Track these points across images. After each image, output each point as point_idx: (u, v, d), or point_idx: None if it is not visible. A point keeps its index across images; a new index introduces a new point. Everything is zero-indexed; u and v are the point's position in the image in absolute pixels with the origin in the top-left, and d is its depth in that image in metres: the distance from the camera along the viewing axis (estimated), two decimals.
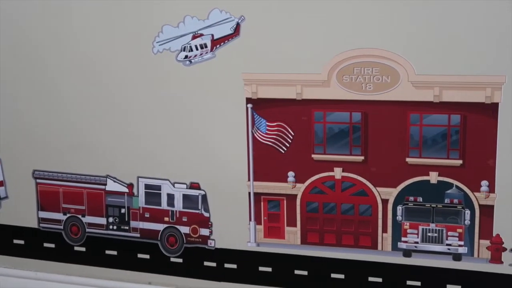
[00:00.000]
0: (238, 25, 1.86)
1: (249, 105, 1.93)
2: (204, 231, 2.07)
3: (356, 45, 1.79)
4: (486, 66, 1.72)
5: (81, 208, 2.18)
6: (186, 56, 1.93)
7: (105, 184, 2.13)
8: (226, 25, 1.87)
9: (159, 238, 2.12)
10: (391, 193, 1.91)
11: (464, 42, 1.71)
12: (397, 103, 1.83)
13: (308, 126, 1.91)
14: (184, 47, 1.92)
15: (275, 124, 1.93)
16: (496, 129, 1.77)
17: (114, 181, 2.12)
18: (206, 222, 2.06)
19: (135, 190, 2.11)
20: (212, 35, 1.89)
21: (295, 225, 2.00)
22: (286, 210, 2.00)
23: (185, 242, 2.09)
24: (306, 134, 1.92)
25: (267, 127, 1.93)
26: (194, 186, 2.04)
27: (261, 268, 2.05)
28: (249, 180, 1.98)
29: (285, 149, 1.94)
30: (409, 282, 1.93)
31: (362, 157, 1.90)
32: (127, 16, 1.95)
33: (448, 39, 1.72)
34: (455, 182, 1.85)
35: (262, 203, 2.01)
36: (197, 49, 1.91)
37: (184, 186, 2.05)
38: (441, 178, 1.86)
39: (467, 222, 1.87)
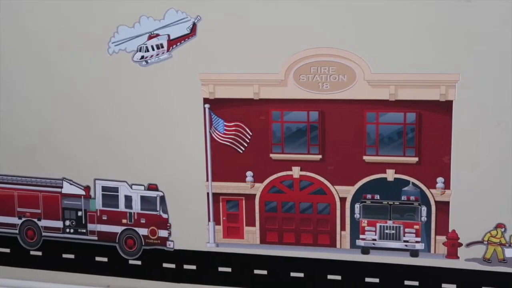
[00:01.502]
0: (194, 25, 1.85)
1: (207, 105, 1.93)
2: (162, 233, 2.05)
3: (313, 44, 1.80)
4: (440, 64, 1.74)
5: (37, 212, 2.14)
6: (142, 57, 1.91)
7: (61, 187, 2.10)
8: (182, 25, 1.86)
9: (117, 241, 2.10)
10: (349, 191, 1.92)
11: (419, 41, 1.73)
12: (354, 102, 1.84)
13: (266, 126, 1.91)
14: (140, 48, 1.91)
15: (233, 124, 1.93)
16: (450, 126, 1.79)
17: (71, 184, 2.09)
18: (164, 224, 2.04)
19: (92, 193, 2.08)
20: (168, 35, 1.88)
21: (254, 225, 2.00)
22: (245, 210, 1.99)
23: (143, 244, 2.08)
24: (264, 133, 1.92)
25: (225, 127, 1.93)
26: (152, 187, 2.03)
27: (220, 269, 2.04)
28: (207, 180, 1.98)
29: (243, 149, 1.93)
30: (367, 279, 1.95)
31: (320, 156, 1.91)
32: (82, 16, 1.92)
33: (403, 38, 1.74)
34: (412, 179, 1.87)
35: (220, 203, 2.00)
36: (153, 49, 1.90)
37: (142, 187, 2.03)
38: (397, 176, 1.88)
39: (424, 218, 1.90)
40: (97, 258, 2.13)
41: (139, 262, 2.10)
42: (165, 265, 2.08)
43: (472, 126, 1.77)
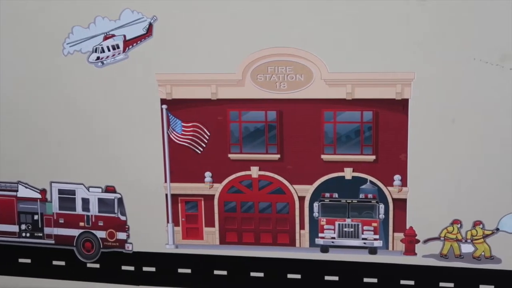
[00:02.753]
0: (150, 25, 1.84)
1: (164, 106, 1.92)
2: (121, 235, 2.03)
3: (270, 44, 1.80)
4: (396, 63, 1.76)
5: None
6: (98, 58, 1.89)
7: (16, 191, 2.07)
8: (138, 25, 1.85)
9: (74, 244, 2.07)
10: (307, 190, 1.93)
11: (375, 39, 1.75)
12: (311, 101, 1.85)
13: (224, 126, 1.91)
14: (96, 48, 1.89)
15: (190, 124, 1.92)
16: (407, 124, 1.81)
17: (26, 187, 2.06)
18: (123, 226, 2.03)
19: (48, 196, 2.05)
20: (124, 36, 1.86)
21: (213, 225, 1.99)
22: (204, 210, 1.99)
23: (101, 247, 2.06)
24: (222, 133, 1.92)
25: (183, 128, 1.92)
26: (110, 189, 2.01)
27: (180, 270, 2.03)
28: (165, 181, 1.97)
29: (202, 149, 1.93)
30: (327, 278, 1.96)
31: (278, 156, 1.91)
32: (36, 16, 1.89)
33: (360, 37, 1.75)
34: (369, 177, 1.89)
35: (179, 204, 1.99)
36: (109, 50, 1.88)
37: (100, 190, 2.01)
38: (355, 174, 1.89)
39: (382, 216, 1.91)
40: (55, 262, 2.11)
41: (97, 265, 2.08)
42: (124, 267, 2.06)
43: (428, 124, 1.80)
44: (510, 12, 1.68)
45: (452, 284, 1.90)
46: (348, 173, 1.90)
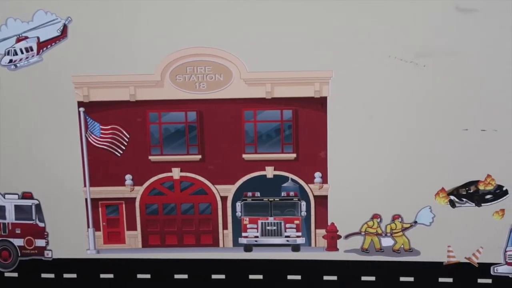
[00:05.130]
0: (65, 26, 1.80)
1: (81, 109, 1.88)
2: (40, 242, 1.99)
3: (188, 44, 1.80)
4: (314, 61, 1.78)
5: None
6: (10, 60, 1.84)
7: None
8: (52, 27, 1.81)
9: None
10: (229, 190, 1.93)
11: (293, 38, 1.76)
12: (231, 101, 1.85)
13: (143, 128, 1.89)
14: (8, 51, 1.83)
15: (109, 127, 1.89)
16: (326, 122, 1.84)
17: None
18: (41, 233, 1.98)
19: None
20: (38, 38, 1.82)
21: (135, 229, 1.97)
22: (126, 214, 1.96)
23: (19, 255, 2.00)
24: (142, 135, 1.89)
25: (101, 131, 1.89)
26: (27, 195, 1.96)
27: (102, 275, 2.00)
28: (85, 186, 1.93)
29: (121, 152, 1.90)
30: (251, 277, 1.97)
31: (200, 156, 1.90)
32: None
33: (278, 36, 1.77)
34: (290, 175, 1.91)
35: (100, 208, 1.96)
36: (22, 52, 1.83)
37: (16, 196, 1.96)
38: (277, 172, 1.91)
39: (304, 213, 1.93)
40: None
41: (15, 274, 2.02)
42: (43, 275, 2.02)
43: (347, 121, 1.83)
44: (423, 11, 1.72)
45: (373, 278, 1.94)
46: (269, 172, 1.91)
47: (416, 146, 1.82)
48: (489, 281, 1.92)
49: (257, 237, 1.95)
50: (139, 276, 2.00)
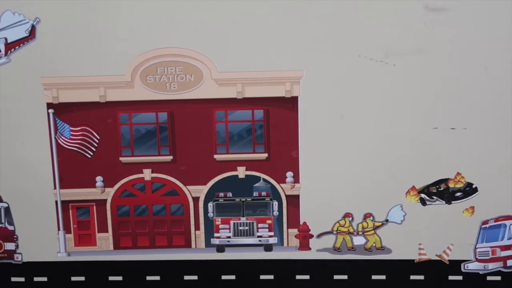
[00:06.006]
0: (33, 27, 1.78)
1: (51, 111, 1.86)
2: (9, 246, 1.97)
3: (159, 44, 1.79)
4: (285, 61, 1.78)
5: None
6: None
7: None
8: (20, 27, 1.79)
9: None
10: (201, 191, 1.93)
11: (264, 38, 1.76)
12: (202, 101, 1.85)
13: (114, 129, 1.88)
14: None
15: (79, 128, 1.87)
16: (297, 121, 1.84)
17: None
18: (11, 236, 1.96)
19: None
20: (6, 39, 1.80)
21: (106, 231, 1.96)
22: (97, 216, 1.95)
23: None
24: (113, 137, 1.88)
25: (71, 132, 1.87)
26: None
27: (73, 278, 1.99)
28: (55, 188, 1.91)
29: (92, 153, 1.89)
30: (224, 277, 1.97)
31: (171, 157, 1.90)
32: None
33: (248, 36, 1.77)
34: (262, 175, 1.91)
35: (70, 211, 1.95)
36: None
37: None
38: (248, 172, 1.91)
39: (276, 213, 1.93)
40: None
41: None
42: (13, 279, 2.00)
43: (318, 120, 1.83)
44: (393, 10, 1.73)
45: (345, 276, 1.95)
46: (241, 172, 1.91)
47: (386, 145, 1.84)
48: (460, 277, 1.94)
49: (229, 237, 1.95)
50: (111, 278, 1.98)
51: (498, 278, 1.94)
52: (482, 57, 1.76)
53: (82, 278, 1.99)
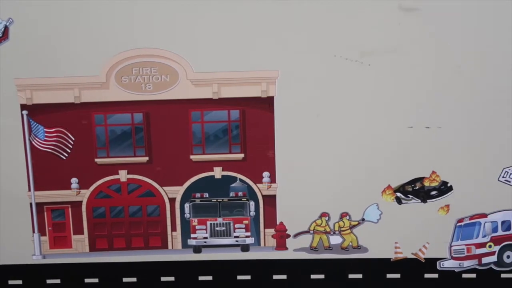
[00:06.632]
0: (6, 28, 1.77)
1: (24, 112, 1.85)
2: None
3: (134, 45, 1.78)
4: (260, 61, 1.79)
5: None
6: None
7: None
8: None
9: None
10: (177, 191, 1.92)
11: (239, 38, 1.76)
12: (178, 102, 1.84)
13: (89, 130, 1.86)
14: None
15: (54, 130, 1.86)
16: (273, 121, 1.84)
17: None
18: None
19: None
20: None
21: (82, 233, 1.95)
22: (72, 218, 1.94)
23: None
24: (88, 138, 1.87)
25: (46, 134, 1.86)
26: None
27: (49, 281, 1.97)
28: (29, 190, 1.90)
29: (66, 155, 1.87)
30: (201, 278, 1.96)
31: (147, 158, 1.89)
32: None
33: (224, 36, 1.76)
34: (239, 176, 1.91)
35: (45, 213, 1.93)
36: None
37: None
38: (225, 173, 1.90)
39: (252, 213, 1.94)
40: None
41: None
42: None
43: (294, 120, 1.83)
44: (367, 10, 1.74)
45: (323, 276, 1.96)
46: (217, 172, 1.90)
47: (362, 144, 1.84)
48: (436, 275, 1.95)
49: (206, 238, 1.95)
50: (87, 280, 1.97)
51: (474, 275, 1.95)
52: (456, 56, 1.77)
53: (58, 281, 1.98)
